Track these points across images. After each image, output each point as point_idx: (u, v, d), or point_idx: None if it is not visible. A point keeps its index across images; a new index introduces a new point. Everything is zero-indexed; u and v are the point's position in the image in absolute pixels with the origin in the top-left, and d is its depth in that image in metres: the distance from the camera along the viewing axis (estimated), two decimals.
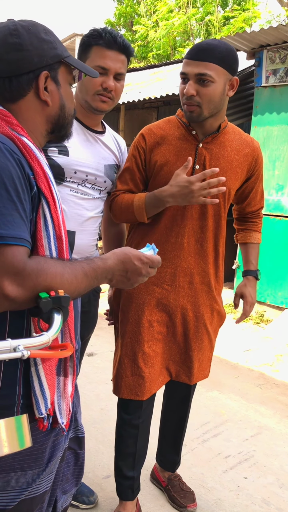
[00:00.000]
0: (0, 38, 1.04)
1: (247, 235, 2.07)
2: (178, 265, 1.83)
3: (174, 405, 2.14)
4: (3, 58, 1.04)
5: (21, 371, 1.05)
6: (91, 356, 3.85)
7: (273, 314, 4.94)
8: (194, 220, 1.81)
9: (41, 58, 1.06)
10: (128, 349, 1.87)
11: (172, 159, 1.79)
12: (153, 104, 7.33)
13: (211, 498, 2.24)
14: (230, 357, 4.05)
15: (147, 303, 1.85)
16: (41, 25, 1.09)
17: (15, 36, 1.04)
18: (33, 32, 1.06)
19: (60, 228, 1.06)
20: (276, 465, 2.53)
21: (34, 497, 1.11)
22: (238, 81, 1.71)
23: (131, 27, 13.60)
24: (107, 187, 1.85)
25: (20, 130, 1.05)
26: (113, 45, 1.67)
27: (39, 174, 1.03)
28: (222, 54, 1.63)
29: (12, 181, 0.95)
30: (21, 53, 1.04)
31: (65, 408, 1.11)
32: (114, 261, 1.12)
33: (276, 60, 4.71)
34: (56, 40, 1.11)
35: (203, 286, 1.87)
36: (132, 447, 1.96)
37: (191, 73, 1.65)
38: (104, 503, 2.16)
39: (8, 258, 0.92)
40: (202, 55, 1.63)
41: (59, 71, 1.11)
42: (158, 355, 1.88)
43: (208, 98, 1.66)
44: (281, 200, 4.81)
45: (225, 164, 1.80)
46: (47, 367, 1.05)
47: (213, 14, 11.27)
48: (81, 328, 1.96)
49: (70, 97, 1.16)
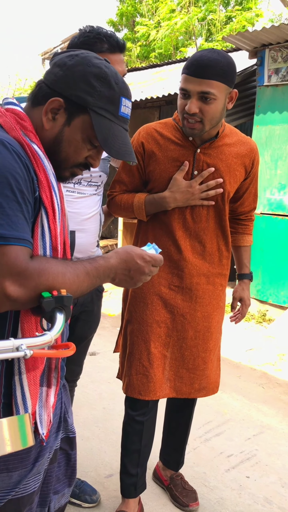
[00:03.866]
0: (64, 52, 1.12)
1: (240, 238, 2.09)
2: (184, 267, 1.84)
3: (179, 406, 2.15)
4: (52, 67, 1.10)
5: (3, 370, 1.05)
6: (94, 355, 3.86)
7: (275, 313, 4.94)
8: (197, 223, 1.83)
9: (67, 87, 1.06)
10: (134, 348, 1.88)
11: (170, 166, 1.80)
12: (155, 103, 7.33)
13: (213, 497, 2.24)
14: (232, 356, 4.05)
15: (155, 303, 1.86)
16: (103, 73, 1.06)
17: (70, 58, 1.08)
18: (87, 69, 1.06)
19: (56, 239, 1.06)
20: (279, 464, 2.53)
21: (22, 497, 1.11)
22: (237, 93, 1.71)
23: (133, 27, 13.59)
24: (103, 181, 1.87)
25: (33, 137, 1.05)
26: (116, 48, 1.67)
27: (43, 183, 1.03)
28: (224, 69, 1.60)
29: (17, 182, 0.95)
30: (59, 71, 1.07)
31: (46, 418, 1.11)
32: (116, 260, 1.12)
33: (278, 59, 4.70)
34: (101, 93, 1.06)
35: (209, 286, 1.89)
36: (137, 444, 1.98)
37: (193, 91, 1.62)
38: (106, 502, 2.16)
39: (11, 258, 0.92)
40: (204, 72, 1.59)
41: (80, 117, 1.07)
42: (166, 358, 1.88)
43: (211, 115, 1.66)
44: (283, 199, 4.80)
45: (224, 168, 1.81)
46: (31, 377, 1.04)
47: (215, 13, 11.26)
48: (84, 327, 1.97)
49: (72, 143, 1.09)
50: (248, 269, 2.11)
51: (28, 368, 1.04)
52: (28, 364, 1.04)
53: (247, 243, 2.10)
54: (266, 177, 4.88)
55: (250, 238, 2.11)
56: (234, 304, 2.11)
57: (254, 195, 2.01)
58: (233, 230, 2.09)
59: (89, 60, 1.07)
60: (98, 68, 1.06)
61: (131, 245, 1.32)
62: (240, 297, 2.09)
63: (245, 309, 2.10)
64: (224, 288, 1.97)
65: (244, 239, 2.09)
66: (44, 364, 1.10)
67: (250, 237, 2.11)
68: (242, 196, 1.96)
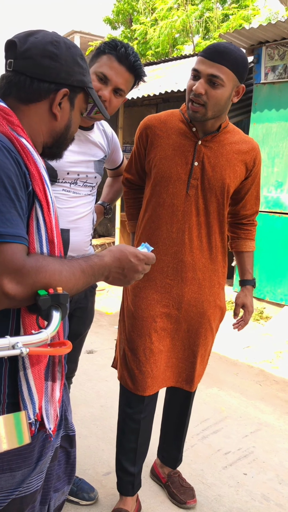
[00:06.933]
0: (42, 42, 1.09)
1: (242, 244, 2.07)
2: (180, 260, 1.85)
3: (176, 404, 2.15)
4: (35, 60, 1.08)
5: (6, 370, 1.05)
6: (91, 353, 3.85)
7: (272, 311, 4.95)
8: (194, 217, 1.83)
9: (68, 76, 1.11)
10: (131, 343, 1.89)
11: (170, 154, 1.82)
12: (152, 101, 7.32)
13: (210, 494, 2.25)
14: (229, 354, 4.06)
15: (150, 297, 1.87)
16: (80, 50, 1.16)
17: (54, 46, 1.09)
18: (72, 51, 1.12)
19: (52, 231, 1.06)
20: (276, 461, 2.54)
21: (25, 496, 1.11)
22: (244, 89, 1.74)
23: (130, 25, 13.56)
24: (97, 182, 1.90)
25: (20, 131, 1.05)
26: (124, 60, 1.68)
27: (35, 176, 1.03)
28: (237, 60, 1.66)
29: (10, 179, 0.95)
30: (53, 62, 1.08)
31: (52, 413, 1.11)
32: (110, 258, 1.12)
33: (275, 56, 4.70)
34: (87, 69, 1.17)
35: (205, 281, 1.89)
36: (134, 443, 1.98)
37: (204, 72, 1.66)
38: (104, 500, 2.17)
39: (7, 256, 0.92)
40: (218, 57, 1.64)
41: (78, 96, 1.16)
42: (162, 352, 1.89)
43: (215, 100, 1.68)
44: (280, 197, 4.81)
45: (224, 161, 1.81)
46: (36, 372, 1.05)
47: (212, 11, 11.24)
48: (78, 324, 1.98)
49: (76, 123, 1.20)
50: (251, 275, 2.08)
51: (32, 363, 1.04)
52: (32, 359, 1.04)
53: (250, 248, 2.07)
54: (263, 175, 4.89)
55: (252, 243, 2.08)
56: (236, 311, 2.08)
57: (256, 197, 2.00)
58: (235, 235, 2.08)
59: (66, 42, 1.13)
60: (75, 47, 1.14)
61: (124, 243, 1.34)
62: (243, 303, 2.06)
63: (248, 316, 2.07)
64: (221, 286, 1.96)
65: (246, 245, 2.07)
66: (48, 358, 1.10)
67: (252, 242, 2.08)
68: (244, 197, 1.96)
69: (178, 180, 1.81)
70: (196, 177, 1.81)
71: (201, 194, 1.82)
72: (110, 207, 2.23)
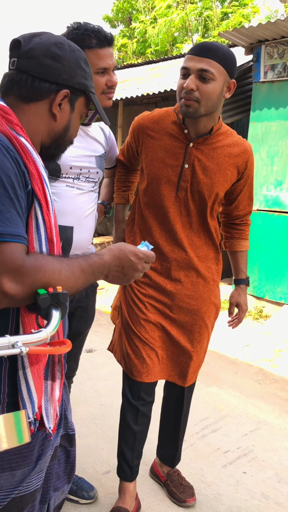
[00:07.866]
0: (46, 43, 1.10)
1: (236, 243, 2.09)
2: (173, 259, 1.89)
3: (172, 400, 2.16)
4: (38, 59, 1.09)
5: (5, 369, 1.05)
6: (91, 352, 3.86)
7: (272, 309, 4.95)
8: (184, 217, 1.87)
9: (70, 78, 1.12)
10: (128, 329, 1.94)
11: (161, 156, 1.83)
12: (151, 100, 7.31)
13: (210, 493, 2.25)
14: (229, 352, 4.06)
15: (146, 289, 1.92)
16: (84, 54, 1.18)
17: (58, 48, 1.11)
18: (75, 54, 1.14)
19: (51, 231, 1.06)
20: (275, 460, 2.54)
21: (24, 495, 1.11)
22: (235, 84, 1.75)
23: (129, 23, 13.54)
24: (99, 178, 1.91)
25: (19, 130, 1.05)
26: (104, 42, 1.69)
27: (34, 175, 1.03)
28: (225, 55, 1.67)
29: (9, 178, 0.95)
30: (55, 63, 1.09)
31: (52, 412, 1.11)
32: (110, 257, 1.12)
33: (274, 55, 4.70)
34: (90, 74, 1.19)
35: (199, 279, 1.92)
36: (132, 427, 2.00)
37: (193, 68, 1.67)
38: (103, 499, 2.17)
39: (7, 255, 0.92)
40: (206, 52, 1.66)
41: (79, 100, 1.17)
42: (156, 342, 1.93)
43: (207, 95, 1.68)
44: (279, 195, 4.81)
45: (214, 166, 1.82)
46: (35, 371, 1.05)
47: (211, 10, 11.24)
48: (79, 323, 1.99)
49: (76, 126, 1.21)
50: (245, 274, 2.11)
51: (32, 362, 1.04)
52: (31, 358, 1.04)
53: (243, 248, 2.09)
54: (262, 174, 4.89)
55: (246, 243, 2.10)
56: (231, 310, 2.12)
57: (249, 198, 2.01)
58: (228, 235, 2.10)
59: (71, 45, 1.14)
60: (79, 51, 1.16)
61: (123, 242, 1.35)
62: (237, 302, 2.10)
63: (242, 314, 2.11)
64: (216, 283, 1.99)
65: (240, 244, 2.08)
66: (47, 357, 1.10)
67: (246, 242, 2.10)
68: (237, 199, 1.97)
69: (168, 182, 1.83)
70: (186, 180, 1.82)
71: (191, 196, 1.84)
72: (110, 206, 2.24)
